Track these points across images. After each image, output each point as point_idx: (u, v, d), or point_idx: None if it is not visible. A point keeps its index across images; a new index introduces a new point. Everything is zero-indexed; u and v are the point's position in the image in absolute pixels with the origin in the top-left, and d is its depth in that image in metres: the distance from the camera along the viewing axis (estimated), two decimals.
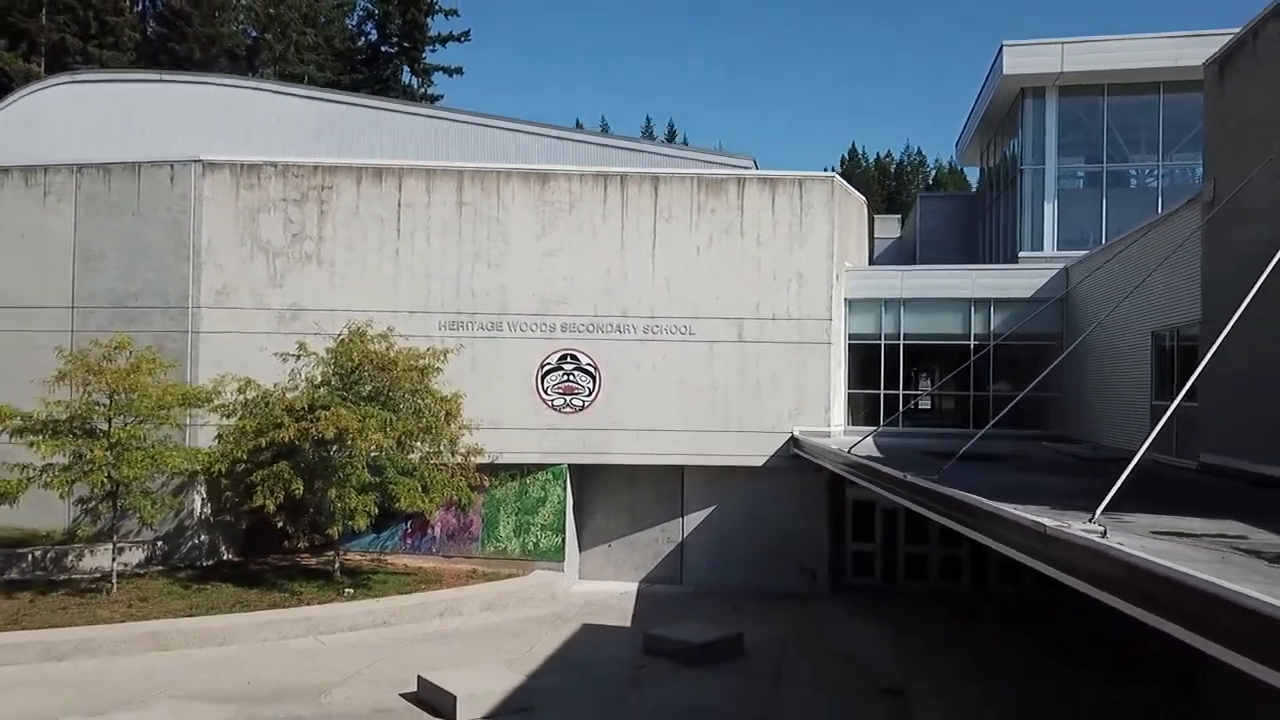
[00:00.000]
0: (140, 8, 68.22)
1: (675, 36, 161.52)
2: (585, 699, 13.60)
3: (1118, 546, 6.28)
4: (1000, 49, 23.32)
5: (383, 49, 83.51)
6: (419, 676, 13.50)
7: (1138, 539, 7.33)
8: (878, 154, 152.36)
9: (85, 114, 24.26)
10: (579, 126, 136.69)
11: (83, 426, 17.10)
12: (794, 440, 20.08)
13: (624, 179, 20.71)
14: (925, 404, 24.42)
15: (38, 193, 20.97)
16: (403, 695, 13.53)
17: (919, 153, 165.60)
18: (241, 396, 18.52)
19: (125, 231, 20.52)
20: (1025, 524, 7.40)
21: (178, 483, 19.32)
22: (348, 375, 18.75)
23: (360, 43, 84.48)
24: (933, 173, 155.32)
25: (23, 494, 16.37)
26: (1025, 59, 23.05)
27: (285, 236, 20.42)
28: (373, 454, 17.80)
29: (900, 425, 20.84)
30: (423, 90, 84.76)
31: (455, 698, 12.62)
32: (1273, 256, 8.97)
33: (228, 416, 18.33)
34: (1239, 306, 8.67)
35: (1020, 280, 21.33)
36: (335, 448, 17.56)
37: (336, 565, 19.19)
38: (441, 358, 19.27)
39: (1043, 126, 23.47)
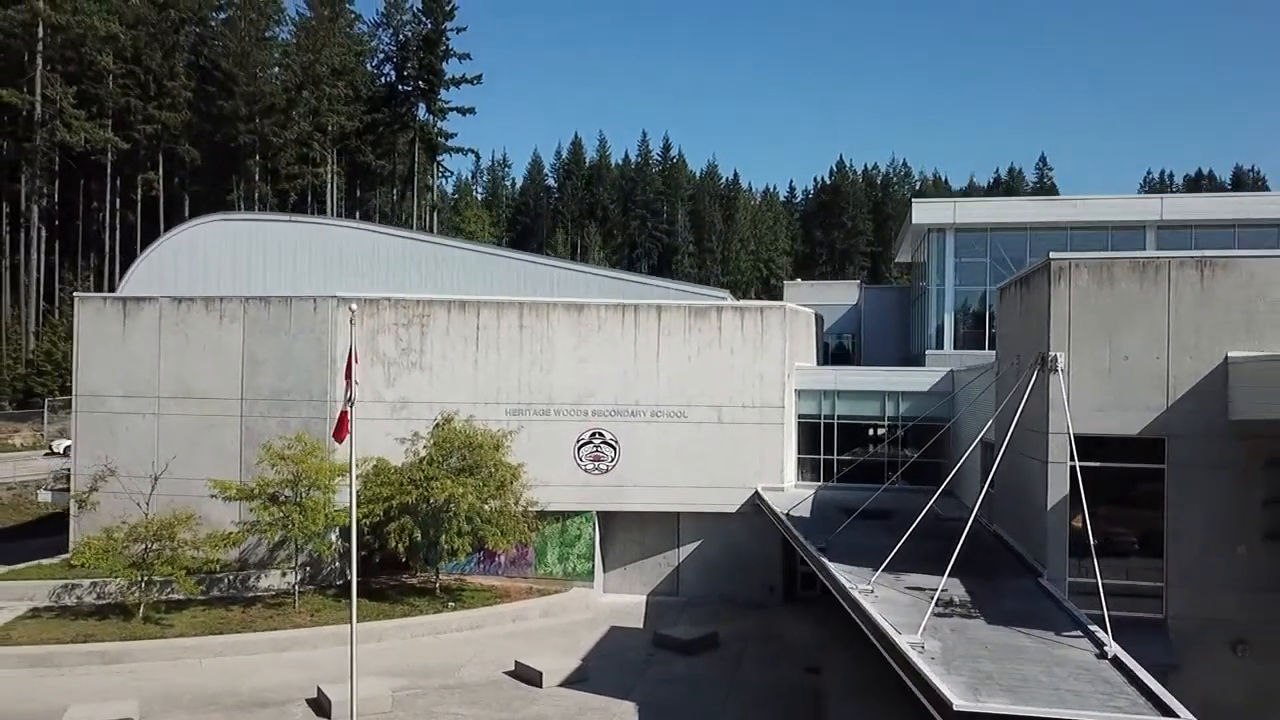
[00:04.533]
0: (187, 61, 76.24)
1: (672, 48, 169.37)
2: (618, 673, 21.93)
3: (863, 603, 14.54)
4: (911, 203, 31.59)
5: (400, 88, 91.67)
6: (515, 661, 21.83)
7: (890, 592, 15.64)
8: (865, 166, 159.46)
9: (233, 244, 32.42)
10: (578, 143, 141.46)
11: (272, 495, 25.32)
12: (757, 494, 28.35)
13: (636, 308, 28.98)
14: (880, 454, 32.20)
15: (215, 316, 29.14)
16: (505, 672, 21.84)
17: (904, 164, 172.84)
18: (372, 466, 26.80)
19: (280, 345, 28.69)
20: (834, 578, 15.69)
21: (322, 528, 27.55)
22: (445, 451, 26.99)
23: (379, 83, 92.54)
24: (918, 183, 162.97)
25: (243, 542, 24.69)
26: (929, 211, 31.36)
27: (396, 350, 28.67)
28: (466, 510, 25.99)
29: (835, 481, 29.21)
30: (437, 126, 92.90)
31: (541, 673, 20.98)
32: (1023, 396, 17.20)
33: (365, 485, 26.54)
34: (1006, 434, 16.90)
35: (920, 378, 29.61)
36: (443, 507, 25.78)
37: (437, 585, 27.53)
38: (509, 437, 27.58)
39: (943, 257, 31.71)
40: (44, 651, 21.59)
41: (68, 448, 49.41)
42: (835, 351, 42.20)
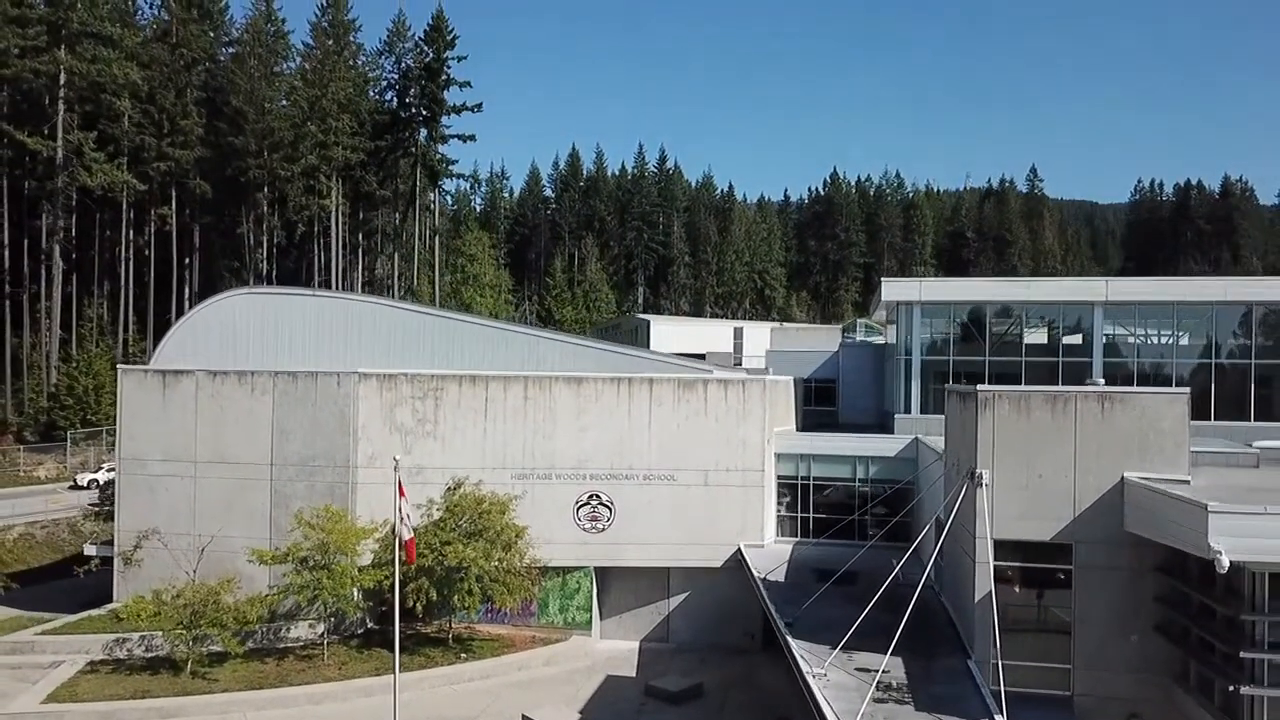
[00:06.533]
0: (197, 98, 78.89)
1: (668, 62, 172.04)
2: None
3: (815, 689, 17.48)
4: (880, 282, 34.59)
5: (402, 115, 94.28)
6: (523, 714, 24.80)
7: (841, 673, 18.60)
8: (858, 177, 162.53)
9: (260, 316, 35.32)
10: (576, 155, 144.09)
11: (303, 559, 28.24)
12: (739, 551, 31.30)
13: (630, 381, 31.94)
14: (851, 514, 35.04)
15: (248, 388, 32.06)
16: None
17: (897, 176, 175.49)
18: (390, 529, 29.72)
19: (306, 416, 31.61)
20: (796, 660, 18.65)
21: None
22: (457, 515, 29.91)
23: (382, 109, 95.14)
24: (910, 194, 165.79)
25: (279, 603, 27.65)
26: (897, 289, 34.40)
27: (413, 420, 31.60)
28: (477, 571, 28.90)
29: (811, 538, 32.18)
30: (438, 153, 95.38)
31: None
32: (958, 499, 20.15)
33: (385, 548, 29.46)
34: (947, 524, 19.82)
35: (887, 444, 32.56)
36: (455, 569, 28.68)
37: (450, 635, 30.49)
38: (514, 500, 30.52)
39: (911, 329, 34.67)
40: (109, 708, 24.53)
41: (92, 480, 52.47)
42: (817, 394, 44.95)
